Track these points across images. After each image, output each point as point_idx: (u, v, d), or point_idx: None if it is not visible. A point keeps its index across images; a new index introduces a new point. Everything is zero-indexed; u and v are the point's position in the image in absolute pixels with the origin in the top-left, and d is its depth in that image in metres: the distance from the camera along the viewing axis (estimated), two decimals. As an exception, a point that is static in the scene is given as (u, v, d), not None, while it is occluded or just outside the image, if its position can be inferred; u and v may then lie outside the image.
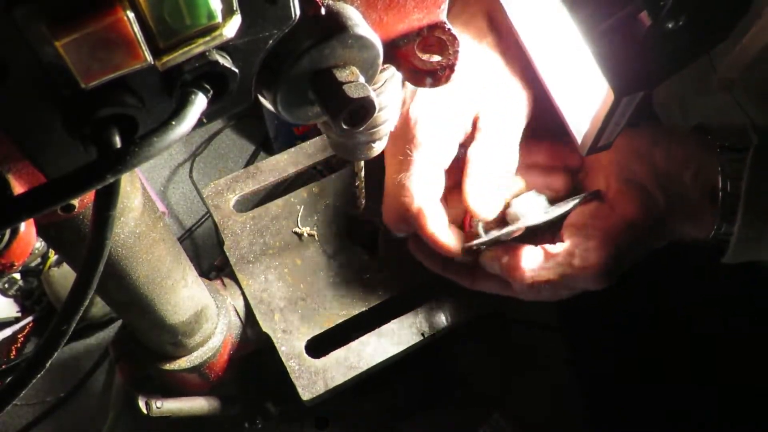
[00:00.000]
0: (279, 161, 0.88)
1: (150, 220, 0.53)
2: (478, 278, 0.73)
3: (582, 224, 0.67)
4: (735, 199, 0.62)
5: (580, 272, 0.65)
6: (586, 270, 0.65)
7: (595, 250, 0.65)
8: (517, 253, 0.67)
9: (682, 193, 0.65)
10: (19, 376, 0.39)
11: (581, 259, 0.65)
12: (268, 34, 0.36)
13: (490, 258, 0.69)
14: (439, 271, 0.74)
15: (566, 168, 0.73)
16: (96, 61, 0.30)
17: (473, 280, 0.73)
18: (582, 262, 0.65)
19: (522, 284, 0.67)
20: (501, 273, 0.69)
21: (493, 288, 0.72)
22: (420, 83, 0.47)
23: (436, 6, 0.45)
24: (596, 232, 0.66)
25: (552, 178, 0.72)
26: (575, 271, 0.65)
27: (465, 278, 0.73)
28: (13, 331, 1.06)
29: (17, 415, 1.00)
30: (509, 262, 0.68)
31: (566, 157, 0.73)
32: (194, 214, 1.18)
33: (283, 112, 0.42)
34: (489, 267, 0.70)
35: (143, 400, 0.73)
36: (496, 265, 0.69)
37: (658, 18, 0.44)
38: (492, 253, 0.69)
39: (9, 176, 0.36)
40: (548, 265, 0.66)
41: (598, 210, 0.68)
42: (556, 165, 0.73)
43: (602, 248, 0.64)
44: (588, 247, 0.65)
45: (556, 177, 0.72)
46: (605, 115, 0.52)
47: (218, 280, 0.79)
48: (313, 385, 0.72)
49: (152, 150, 0.31)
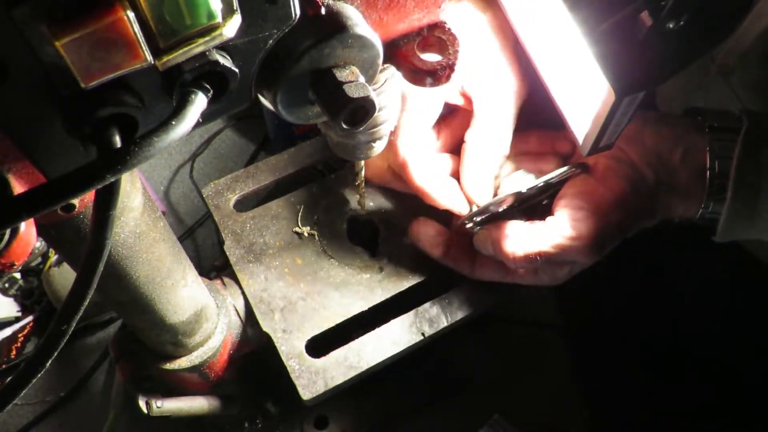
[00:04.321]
0: (279, 161, 0.88)
1: (150, 220, 0.53)
2: (476, 266, 0.74)
3: (571, 195, 0.68)
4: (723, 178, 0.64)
5: (570, 242, 0.66)
6: (576, 240, 0.65)
7: (585, 220, 0.65)
8: (506, 226, 0.69)
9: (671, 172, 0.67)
10: (19, 376, 0.39)
11: (572, 229, 0.66)
12: (268, 33, 0.36)
13: (483, 237, 0.71)
14: (440, 258, 0.75)
15: (557, 153, 0.75)
16: (96, 61, 0.30)
17: (473, 269, 0.74)
18: (572, 232, 0.65)
19: (515, 260, 0.68)
20: (494, 252, 0.70)
21: (492, 274, 0.73)
22: (420, 83, 0.47)
23: (436, 6, 0.45)
24: (586, 204, 0.67)
25: (543, 163, 0.74)
26: (566, 241, 0.66)
27: (464, 266, 0.74)
28: (13, 331, 1.06)
29: (17, 415, 1.00)
30: (500, 237, 0.69)
31: (556, 143, 0.75)
32: (194, 214, 1.18)
33: (283, 112, 0.42)
34: (483, 248, 0.71)
35: (143, 400, 0.73)
36: (488, 244, 0.70)
37: (658, 18, 0.44)
38: (485, 232, 0.71)
39: (9, 176, 0.36)
40: (539, 236, 0.67)
41: (587, 184, 0.68)
42: (546, 151, 0.75)
43: (592, 219, 0.65)
44: (578, 217, 0.66)
45: (546, 162, 0.74)
46: (606, 115, 0.52)
47: (218, 279, 0.79)
48: (313, 384, 0.72)
49: (152, 150, 0.31)
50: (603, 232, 0.65)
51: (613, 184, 0.67)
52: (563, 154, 0.75)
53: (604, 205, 0.66)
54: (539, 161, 0.74)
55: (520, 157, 0.75)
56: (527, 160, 0.75)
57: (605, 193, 0.67)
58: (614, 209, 0.66)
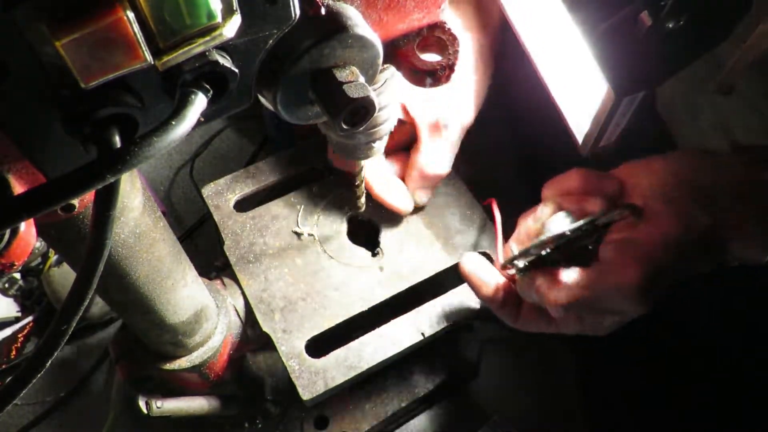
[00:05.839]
0: (279, 161, 0.88)
1: (150, 220, 0.53)
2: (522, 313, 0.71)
3: (618, 239, 0.64)
4: None
5: (617, 290, 0.61)
6: (620, 287, 0.61)
7: (631, 266, 0.61)
8: (551, 272, 0.65)
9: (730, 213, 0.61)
10: (19, 376, 0.39)
11: (616, 275, 0.61)
12: (267, 34, 0.36)
13: (525, 284, 0.68)
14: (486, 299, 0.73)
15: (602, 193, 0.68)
16: (96, 61, 0.30)
17: (516, 317, 0.72)
18: (616, 278, 0.61)
19: (558, 307, 0.64)
20: (537, 298, 0.66)
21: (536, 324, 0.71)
22: (420, 83, 0.47)
23: (436, 6, 0.45)
24: (632, 248, 0.62)
25: (587, 203, 0.68)
26: (612, 289, 0.61)
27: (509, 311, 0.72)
28: (13, 331, 1.06)
29: (17, 415, 1.00)
30: (543, 284, 0.65)
31: (601, 183, 0.69)
32: (194, 214, 1.18)
33: (283, 112, 0.42)
34: (526, 294, 0.68)
35: (143, 400, 0.73)
36: (532, 291, 0.67)
37: (658, 18, 0.44)
38: (527, 279, 0.67)
39: (9, 176, 0.36)
40: (582, 282, 0.63)
41: (636, 228, 0.63)
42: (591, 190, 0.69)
43: (638, 265, 0.61)
44: (623, 263, 0.61)
45: (591, 202, 0.68)
46: (606, 115, 0.52)
47: (218, 280, 0.79)
48: (313, 385, 0.71)
49: (152, 150, 0.31)
50: (652, 279, 0.60)
51: (664, 224, 0.62)
52: (609, 193, 0.68)
53: (653, 251, 0.61)
54: (583, 202, 0.68)
55: (562, 198, 0.69)
56: (570, 201, 0.69)
57: (655, 238, 0.62)
58: (665, 255, 0.61)
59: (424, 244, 0.83)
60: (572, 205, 0.68)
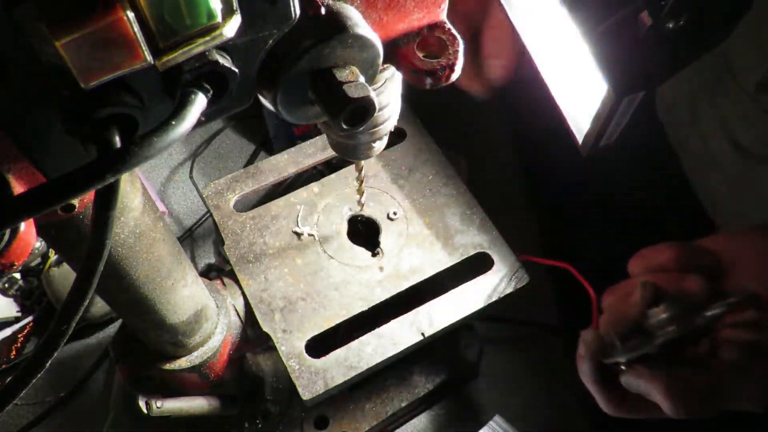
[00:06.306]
0: (279, 161, 0.88)
1: (150, 220, 0.53)
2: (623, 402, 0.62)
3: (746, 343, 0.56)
4: None
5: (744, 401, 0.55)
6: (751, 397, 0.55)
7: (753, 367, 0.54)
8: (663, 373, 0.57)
9: None
10: (19, 376, 0.39)
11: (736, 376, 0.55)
12: (267, 33, 0.36)
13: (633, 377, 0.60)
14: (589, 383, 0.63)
15: (698, 268, 0.60)
16: (96, 61, 0.30)
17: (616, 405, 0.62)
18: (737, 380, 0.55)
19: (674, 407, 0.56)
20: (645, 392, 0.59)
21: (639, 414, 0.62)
22: (420, 83, 0.47)
23: (436, 6, 0.45)
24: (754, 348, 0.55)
25: (685, 282, 0.60)
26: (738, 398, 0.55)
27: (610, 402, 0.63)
28: (13, 331, 1.06)
29: (17, 415, 1.00)
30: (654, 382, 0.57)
31: (695, 256, 0.61)
32: (194, 214, 1.18)
33: (283, 112, 0.42)
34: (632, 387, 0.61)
35: (143, 400, 0.73)
36: (640, 384, 0.59)
37: (658, 18, 0.44)
38: (635, 372, 0.59)
39: (9, 176, 0.36)
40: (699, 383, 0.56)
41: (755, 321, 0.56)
42: (685, 266, 0.61)
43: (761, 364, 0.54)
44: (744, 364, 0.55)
45: (689, 280, 0.60)
46: (606, 115, 0.52)
47: (218, 279, 0.79)
48: (313, 385, 0.72)
49: (152, 150, 0.31)
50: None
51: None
52: (707, 267, 0.60)
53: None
54: (681, 279, 0.60)
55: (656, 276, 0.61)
56: (666, 279, 0.60)
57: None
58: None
59: (424, 244, 0.83)
60: (669, 285, 0.60)
